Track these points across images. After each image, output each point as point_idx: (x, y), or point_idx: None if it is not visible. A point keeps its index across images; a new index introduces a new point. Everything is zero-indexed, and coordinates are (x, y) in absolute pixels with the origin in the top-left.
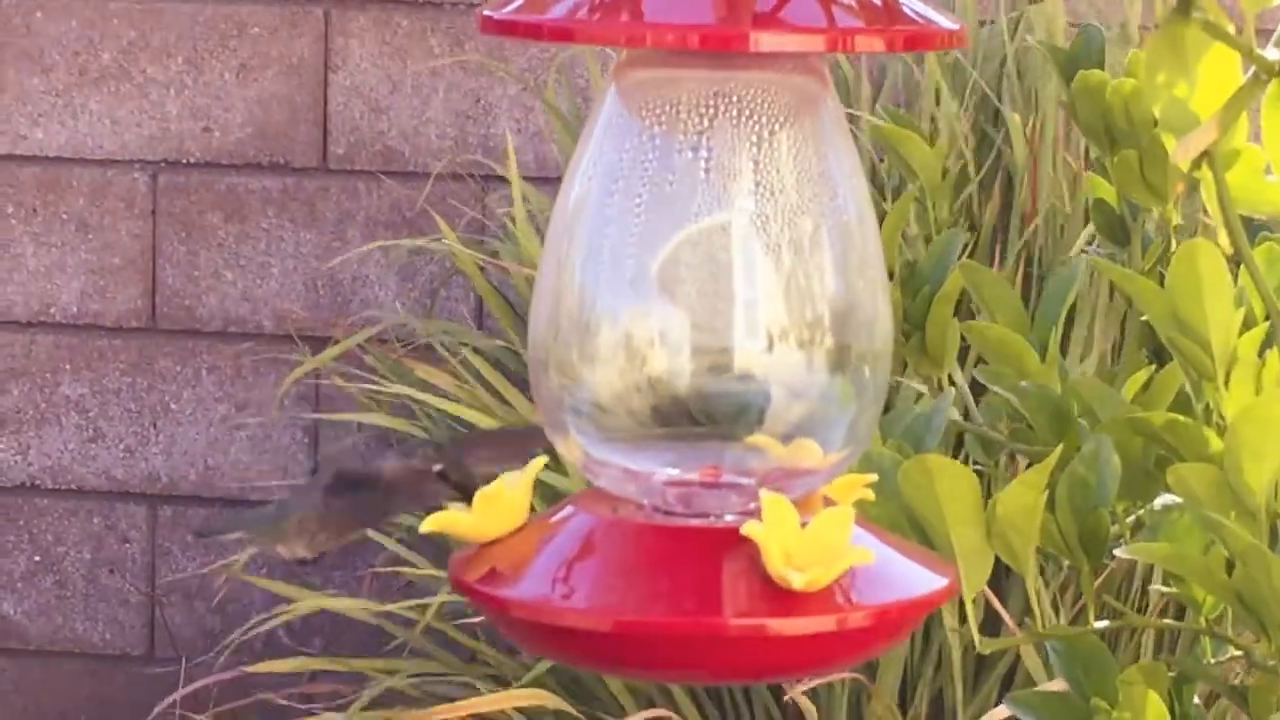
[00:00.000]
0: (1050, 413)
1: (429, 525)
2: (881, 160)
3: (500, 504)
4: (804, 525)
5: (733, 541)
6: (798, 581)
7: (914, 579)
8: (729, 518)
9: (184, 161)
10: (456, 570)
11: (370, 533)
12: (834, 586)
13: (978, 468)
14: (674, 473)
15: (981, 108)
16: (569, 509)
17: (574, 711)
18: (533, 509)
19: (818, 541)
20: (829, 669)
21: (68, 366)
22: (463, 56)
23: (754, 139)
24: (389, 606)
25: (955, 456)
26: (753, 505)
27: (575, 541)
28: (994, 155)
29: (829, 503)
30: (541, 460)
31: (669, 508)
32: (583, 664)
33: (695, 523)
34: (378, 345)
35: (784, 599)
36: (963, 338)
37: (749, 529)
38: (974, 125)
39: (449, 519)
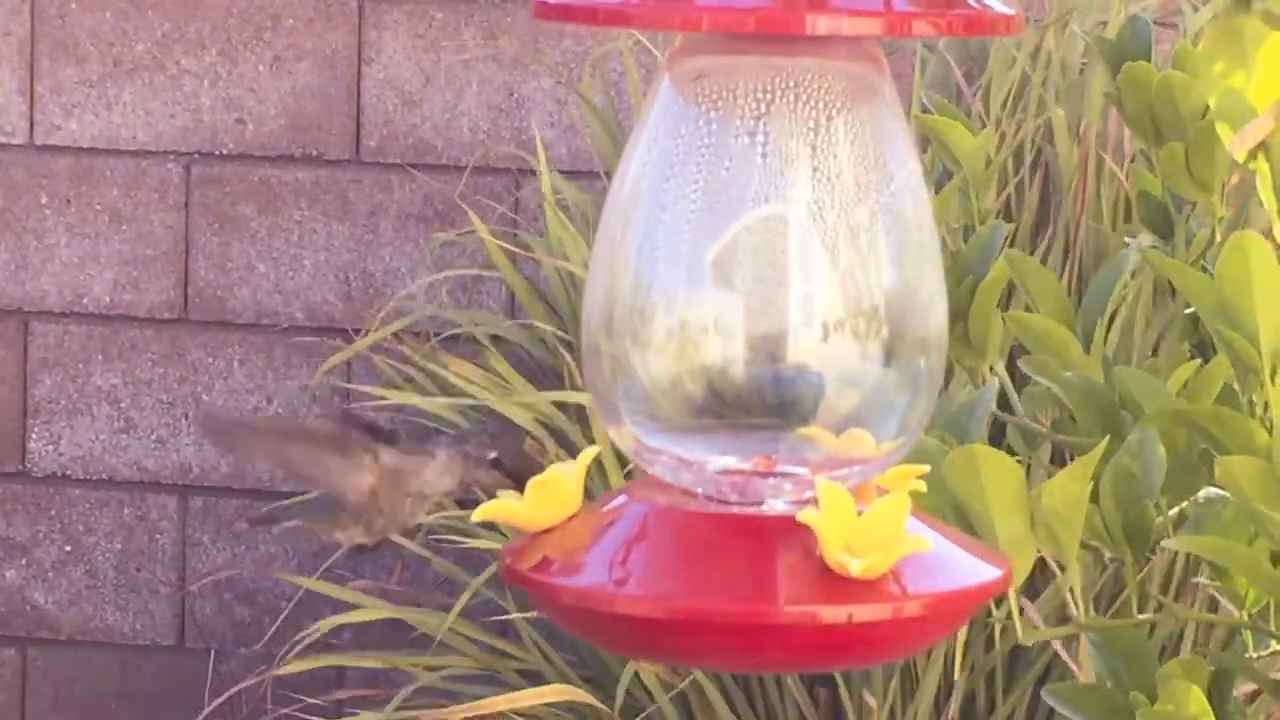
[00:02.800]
0: (1095, 404)
1: (482, 514)
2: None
3: (553, 492)
4: (860, 513)
5: (787, 529)
6: (855, 568)
7: (968, 568)
8: (783, 507)
9: (217, 153)
10: (508, 559)
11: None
12: (889, 575)
13: (1016, 458)
14: (728, 461)
15: (1021, 104)
16: (622, 498)
17: (603, 706)
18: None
19: (874, 528)
20: (883, 658)
21: (100, 357)
22: (496, 50)
23: (810, 125)
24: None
25: (995, 447)
26: (807, 495)
27: (629, 530)
28: (1033, 152)
29: (882, 492)
30: (595, 449)
31: (723, 496)
32: (636, 652)
33: (749, 511)
34: (410, 338)
35: (839, 587)
36: None
37: (806, 516)
38: (1016, 121)
39: (502, 508)
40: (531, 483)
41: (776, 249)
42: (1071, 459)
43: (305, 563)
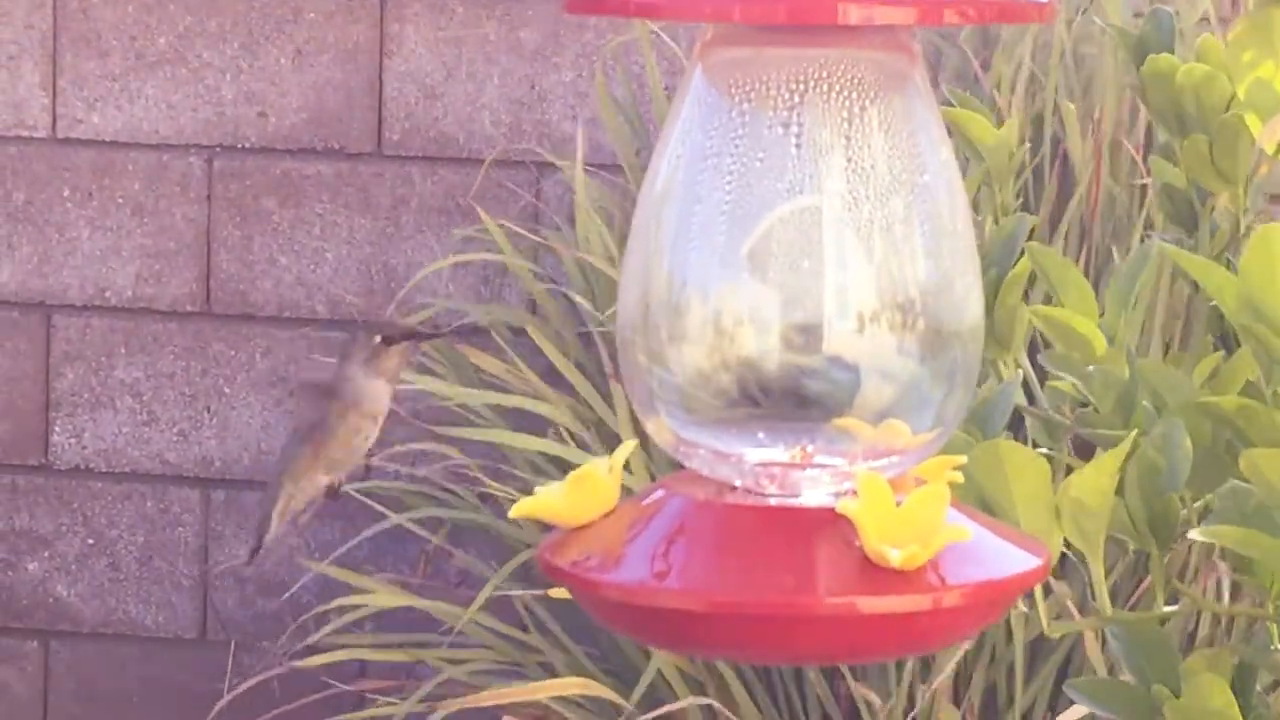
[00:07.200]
0: (1118, 397)
1: (519, 510)
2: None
3: (591, 488)
4: (899, 504)
5: (826, 521)
6: (896, 559)
7: (1007, 558)
8: (821, 498)
9: (239, 146)
10: (547, 554)
11: (410, 527)
12: (928, 566)
13: (1040, 451)
14: (765, 453)
15: (1036, 96)
16: (660, 491)
17: (620, 700)
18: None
19: (914, 519)
20: (923, 649)
21: (122, 350)
22: (518, 43)
23: (844, 115)
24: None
25: (1016, 440)
26: (846, 486)
27: (668, 523)
28: (1050, 144)
29: (920, 483)
30: (632, 444)
31: (761, 488)
32: (676, 646)
33: (788, 503)
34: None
35: (878, 578)
36: None
37: (845, 507)
38: (1032, 114)
39: (540, 503)
40: (571, 477)
41: (811, 240)
42: (1095, 452)
43: (327, 556)
